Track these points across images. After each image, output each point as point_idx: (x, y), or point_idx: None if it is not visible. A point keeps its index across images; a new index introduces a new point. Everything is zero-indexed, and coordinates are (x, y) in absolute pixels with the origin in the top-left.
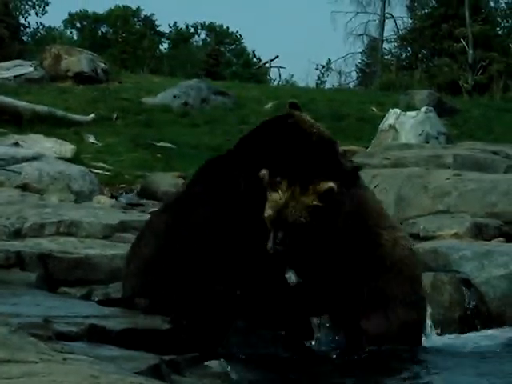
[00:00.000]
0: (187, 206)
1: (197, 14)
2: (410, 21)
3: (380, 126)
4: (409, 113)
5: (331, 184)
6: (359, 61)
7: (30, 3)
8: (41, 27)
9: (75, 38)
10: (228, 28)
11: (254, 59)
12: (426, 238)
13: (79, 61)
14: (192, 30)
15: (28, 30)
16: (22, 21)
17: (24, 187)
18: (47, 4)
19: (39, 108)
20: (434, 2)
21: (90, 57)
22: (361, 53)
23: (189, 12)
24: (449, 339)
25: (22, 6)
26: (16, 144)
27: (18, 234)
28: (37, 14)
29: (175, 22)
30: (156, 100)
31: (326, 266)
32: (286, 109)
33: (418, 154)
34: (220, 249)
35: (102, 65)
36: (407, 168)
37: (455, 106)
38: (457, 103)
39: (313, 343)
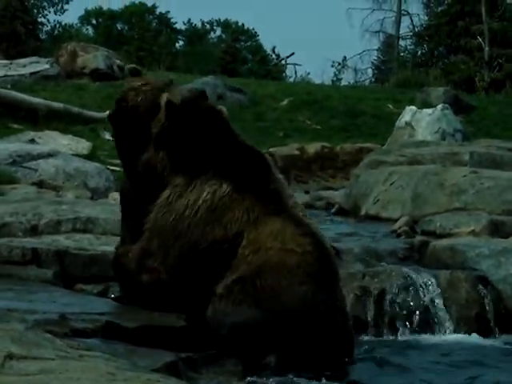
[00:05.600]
0: None
1: (212, 11)
2: (426, 18)
3: (396, 124)
4: (425, 110)
5: None
6: (375, 58)
7: (48, 1)
8: (58, 25)
9: (91, 34)
10: (243, 25)
11: (273, 55)
12: (443, 236)
13: (95, 58)
14: (207, 27)
15: (45, 27)
16: (40, 18)
17: (40, 184)
18: (67, 2)
19: (55, 105)
20: None
21: (106, 54)
22: (377, 50)
23: (204, 9)
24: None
25: (40, 3)
26: (32, 141)
27: (34, 231)
28: (55, 13)
29: (189, 19)
30: None
31: None
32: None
33: (434, 151)
34: None
35: (118, 62)
36: (423, 165)
37: (471, 103)
38: (473, 100)
39: None
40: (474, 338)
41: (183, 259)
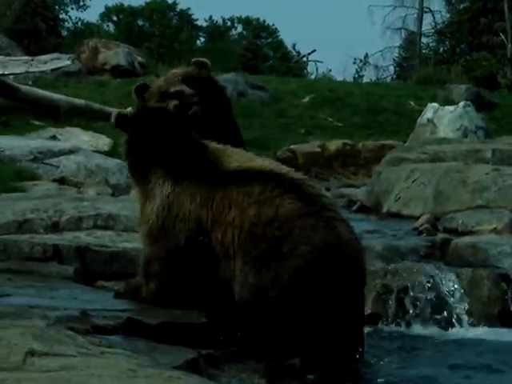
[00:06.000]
0: None
1: (233, 7)
2: (448, 15)
3: (418, 121)
4: (447, 107)
5: None
6: (397, 55)
7: None
8: (79, 22)
9: (112, 31)
10: (264, 21)
11: (294, 52)
12: (465, 233)
13: (116, 54)
14: (228, 24)
15: (66, 24)
16: (61, 15)
17: (61, 180)
18: None
19: (76, 101)
20: None
21: (127, 50)
22: (398, 47)
23: (224, 6)
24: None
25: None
26: (53, 137)
27: (55, 228)
28: (77, 9)
29: (210, 16)
30: None
31: None
32: None
33: (456, 148)
34: None
35: (139, 58)
36: (446, 163)
37: (494, 101)
38: (495, 97)
39: None
40: (497, 334)
41: (174, 260)
